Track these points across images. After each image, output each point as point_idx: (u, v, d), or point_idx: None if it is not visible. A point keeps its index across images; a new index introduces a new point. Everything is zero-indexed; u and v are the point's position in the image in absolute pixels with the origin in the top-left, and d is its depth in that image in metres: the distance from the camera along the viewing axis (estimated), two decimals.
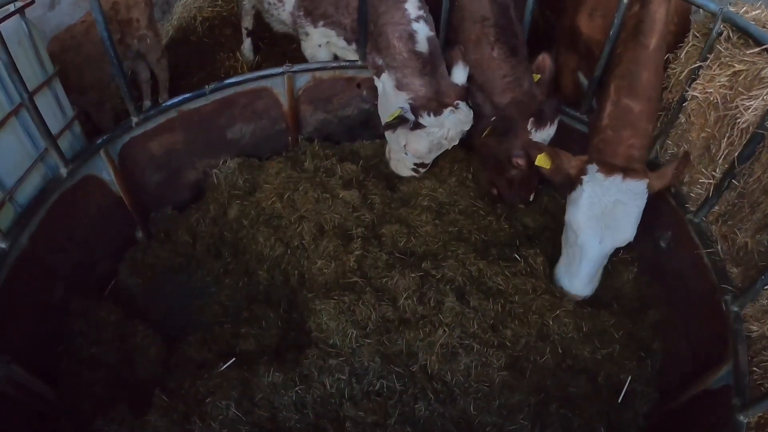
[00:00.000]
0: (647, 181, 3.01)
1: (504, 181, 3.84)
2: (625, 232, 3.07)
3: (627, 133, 3.06)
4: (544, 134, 3.58)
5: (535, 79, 3.62)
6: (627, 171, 3.00)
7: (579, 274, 3.29)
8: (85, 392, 3.11)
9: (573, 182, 3.16)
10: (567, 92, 4.25)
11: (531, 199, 3.91)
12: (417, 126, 3.52)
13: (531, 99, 3.56)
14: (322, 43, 4.21)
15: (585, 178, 3.08)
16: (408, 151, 3.75)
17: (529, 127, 3.52)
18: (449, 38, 3.85)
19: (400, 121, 3.50)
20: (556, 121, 3.62)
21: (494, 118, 3.61)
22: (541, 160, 3.23)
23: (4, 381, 2.75)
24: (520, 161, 3.60)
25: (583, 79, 4.10)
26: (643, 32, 3.04)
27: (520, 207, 3.95)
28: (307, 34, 4.19)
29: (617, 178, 2.99)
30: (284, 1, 4.25)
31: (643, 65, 3.04)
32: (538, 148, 3.27)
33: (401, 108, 3.52)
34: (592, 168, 3.06)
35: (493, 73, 3.55)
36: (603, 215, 3.04)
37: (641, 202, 3.04)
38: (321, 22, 4.05)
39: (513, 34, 3.55)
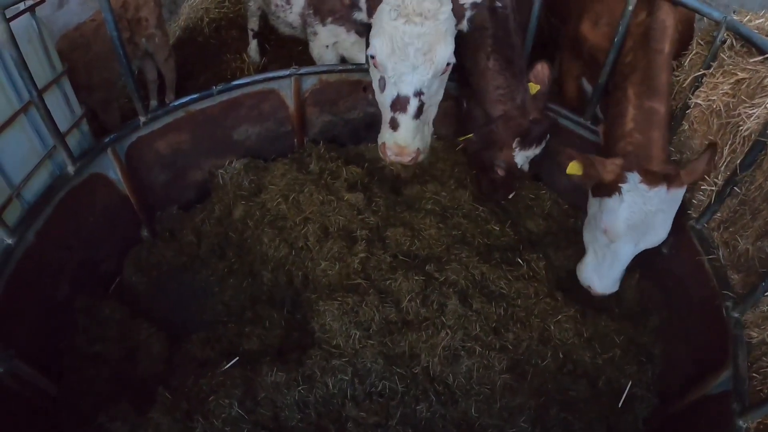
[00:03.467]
0: (686, 185, 2.96)
1: (487, 180, 3.94)
2: (661, 233, 3.01)
3: (656, 134, 3.01)
4: (529, 153, 3.64)
5: (534, 90, 3.60)
6: (669, 179, 2.89)
7: (610, 275, 3.22)
8: (88, 389, 3.12)
9: (608, 188, 3.01)
10: (571, 99, 4.28)
11: (510, 197, 4.05)
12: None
13: (522, 115, 3.56)
14: (329, 43, 4.22)
15: (625, 187, 2.92)
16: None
17: (513, 145, 3.57)
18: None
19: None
20: (543, 142, 3.64)
21: (482, 125, 3.67)
22: (573, 168, 3.06)
23: (7, 376, 2.76)
24: (501, 172, 3.74)
25: (587, 86, 4.13)
26: (654, 38, 3.06)
27: (501, 202, 4.09)
28: (315, 34, 4.20)
29: (662, 190, 2.88)
30: (292, 3, 4.29)
31: (660, 68, 3.05)
32: (570, 155, 3.06)
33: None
34: (634, 177, 2.90)
35: (487, 83, 3.55)
36: (642, 223, 2.95)
37: (678, 205, 3.00)
38: (329, 19, 4.05)
39: (510, 45, 3.53)
